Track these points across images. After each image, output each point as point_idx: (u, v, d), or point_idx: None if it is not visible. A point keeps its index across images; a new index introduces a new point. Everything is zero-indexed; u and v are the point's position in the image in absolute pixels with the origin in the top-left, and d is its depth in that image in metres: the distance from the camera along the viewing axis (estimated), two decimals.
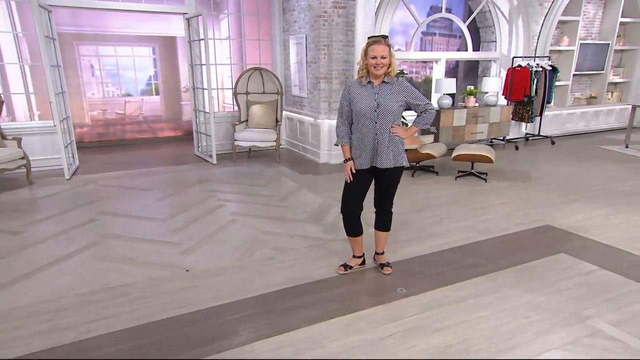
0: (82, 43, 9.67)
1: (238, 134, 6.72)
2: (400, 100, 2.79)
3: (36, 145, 6.17)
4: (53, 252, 3.53)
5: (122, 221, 4.24)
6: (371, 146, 2.82)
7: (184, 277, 3.13)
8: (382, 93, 2.76)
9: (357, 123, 2.84)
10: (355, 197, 2.95)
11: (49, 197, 4.99)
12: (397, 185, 2.98)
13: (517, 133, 8.54)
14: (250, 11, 7.70)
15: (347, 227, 3.07)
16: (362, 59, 2.77)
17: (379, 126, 2.78)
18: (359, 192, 2.96)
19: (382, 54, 2.66)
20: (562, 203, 4.70)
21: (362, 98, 2.78)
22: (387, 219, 3.08)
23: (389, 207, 3.04)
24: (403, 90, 2.80)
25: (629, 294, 2.82)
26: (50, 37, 5.72)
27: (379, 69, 2.69)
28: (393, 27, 9.25)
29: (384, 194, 2.99)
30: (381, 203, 3.03)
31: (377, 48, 2.67)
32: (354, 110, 2.83)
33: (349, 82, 2.90)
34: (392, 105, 2.76)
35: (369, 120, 2.78)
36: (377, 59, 2.67)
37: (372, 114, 2.77)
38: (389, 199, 3.01)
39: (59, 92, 5.83)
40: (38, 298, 2.84)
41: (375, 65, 2.68)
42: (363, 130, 2.82)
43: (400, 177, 2.96)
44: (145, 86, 10.81)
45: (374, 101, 2.76)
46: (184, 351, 2.31)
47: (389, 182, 2.94)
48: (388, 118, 2.77)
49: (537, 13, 8.17)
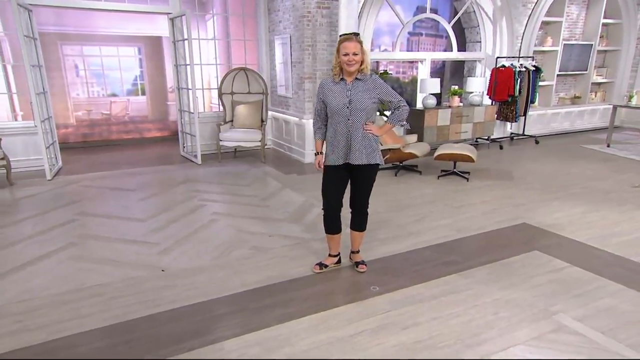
0: (66, 43, 9.59)
1: (223, 134, 6.72)
2: (373, 97, 2.82)
3: (18, 145, 6.13)
4: (30, 253, 3.51)
5: (102, 222, 4.22)
6: (344, 143, 2.85)
7: (161, 277, 3.13)
8: (355, 90, 2.80)
9: (331, 120, 2.88)
10: (333, 193, 2.99)
11: (29, 197, 4.96)
12: (371, 184, 3.00)
13: (502, 133, 8.62)
14: (236, 12, 7.70)
15: (326, 224, 3.10)
16: (335, 57, 2.81)
17: (352, 123, 2.81)
18: (336, 189, 2.99)
19: (354, 50, 2.70)
20: (541, 201, 4.76)
21: (335, 95, 2.82)
22: (362, 219, 3.11)
23: (364, 206, 3.07)
24: (376, 87, 2.83)
25: (597, 290, 2.87)
26: (30, 36, 5.68)
27: (352, 65, 2.73)
28: (379, 28, 9.30)
29: (359, 192, 3.01)
30: (356, 202, 3.05)
31: (349, 45, 2.70)
32: (328, 108, 2.86)
33: (322, 80, 2.93)
34: (365, 102, 2.79)
35: (342, 117, 2.81)
36: (349, 56, 2.70)
37: (344, 110, 2.80)
38: (364, 198, 3.04)
39: (40, 92, 5.79)
40: (11, 299, 2.83)
41: (348, 62, 2.72)
42: (337, 127, 2.85)
43: (374, 176, 2.99)
44: (131, 86, 10.75)
45: (346, 98, 2.79)
46: (156, 350, 2.32)
47: (363, 180, 2.97)
48: (360, 115, 2.81)
49: (520, 14, 8.25)
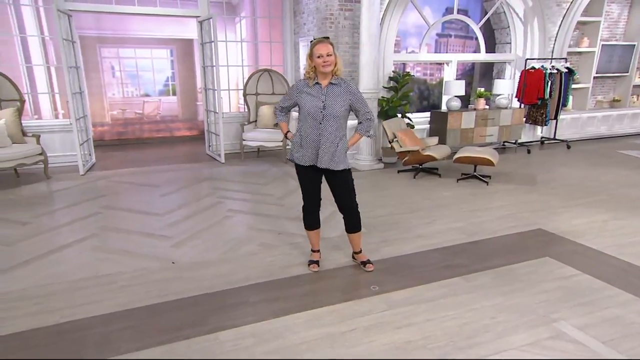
0: (104, 45, 10.13)
1: (246, 133, 6.89)
2: (346, 101, 2.87)
3: (56, 142, 6.52)
4: (55, 242, 3.76)
5: (124, 215, 4.45)
6: (313, 145, 2.91)
7: (170, 269, 3.27)
8: (329, 94, 2.85)
9: (304, 122, 2.93)
10: (309, 190, 3.09)
11: (61, 191, 5.28)
12: (349, 186, 3.04)
13: (532, 137, 8.35)
14: (265, 14, 7.87)
15: (305, 220, 3.22)
16: (308, 62, 2.87)
17: (323, 127, 2.87)
18: (311, 186, 3.08)
19: (327, 51, 2.77)
20: (563, 207, 4.61)
21: (310, 98, 2.88)
22: (354, 220, 3.13)
23: (352, 207, 3.09)
24: (349, 92, 2.88)
25: (605, 298, 2.77)
26: (69, 39, 6.04)
27: (327, 67, 2.79)
28: (407, 29, 9.25)
29: (338, 194, 3.06)
30: (342, 204, 3.09)
31: (321, 47, 2.77)
32: (301, 110, 2.93)
33: (297, 82, 3.00)
34: (338, 108, 2.85)
35: (314, 120, 2.87)
36: (324, 57, 2.77)
37: (318, 114, 2.85)
38: (348, 199, 3.07)
39: (77, 92, 6.15)
40: (34, 283, 3.05)
41: (322, 64, 2.78)
42: (308, 129, 2.91)
43: (348, 179, 3.03)
44: (163, 87, 11.22)
45: (321, 102, 2.85)
46: (154, 336, 2.44)
47: (338, 183, 3.02)
48: (332, 122, 2.86)
49: (554, 14, 7.98)
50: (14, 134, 5.61)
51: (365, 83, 6.09)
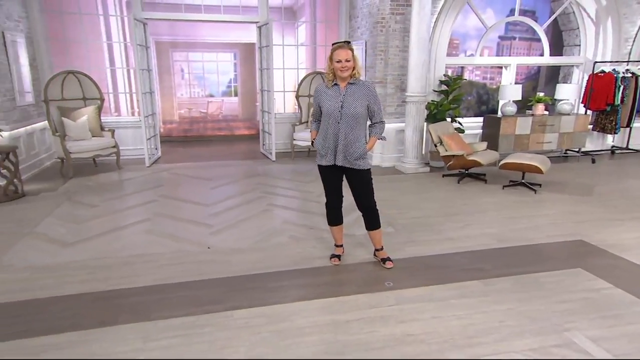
0: (176, 50, 11.06)
1: (297, 133, 7.18)
2: (364, 101, 2.97)
3: (129, 137, 7.27)
4: (114, 223, 4.27)
5: (176, 204, 4.90)
6: (333, 145, 3.04)
7: (206, 253, 3.59)
8: (348, 95, 2.96)
9: (324, 122, 3.07)
10: (330, 189, 3.23)
11: (128, 180, 5.91)
12: (367, 185, 3.14)
13: (601, 145, 7.78)
14: (323, 19, 8.14)
15: (328, 216, 3.36)
16: (327, 64, 3.00)
17: (341, 126, 2.98)
18: (332, 185, 3.21)
19: (346, 57, 2.88)
20: (613, 220, 4.32)
21: (329, 99, 3.01)
22: (372, 218, 3.23)
23: (371, 205, 3.19)
24: (366, 93, 2.98)
25: (632, 314, 2.62)
26: (143, 45, 6.73)
27: (344, 71, 2.91)
28: (467, 32, 9.06)
29: (357, 193, 3.17)
30: (360, 203, 3.20)
31: (341, 52, 2.88)
32: (323, 111, 3.07)
33: (318, 86, 3.14)
34: (356, 107, 2.95)
35: (334, 120, 2.99)
36: (342, 62, 2.88)
37: (336, 113, 2.98)
38: (366, 198, 3.17)
39: (147, 91, 6.82)
40: (91, 256, 3.52)
41: (340, 68, 2.90)
42: (327, 129, 3.04)
43: (368, 178, 3.12)
44: (226, 88, 11.97)
45: (339, 102, 2.97)
46: (181, 308, 2.74)
47: (357, 182, 3.12)
48: (350, 121, 2.97)
49: (633, 13, 7.38)
50: (93, 128, 6.37)
51: (413, 86, 6.10)
